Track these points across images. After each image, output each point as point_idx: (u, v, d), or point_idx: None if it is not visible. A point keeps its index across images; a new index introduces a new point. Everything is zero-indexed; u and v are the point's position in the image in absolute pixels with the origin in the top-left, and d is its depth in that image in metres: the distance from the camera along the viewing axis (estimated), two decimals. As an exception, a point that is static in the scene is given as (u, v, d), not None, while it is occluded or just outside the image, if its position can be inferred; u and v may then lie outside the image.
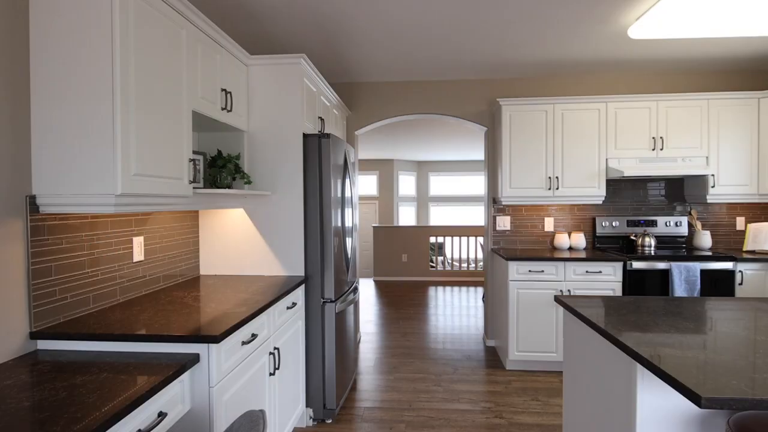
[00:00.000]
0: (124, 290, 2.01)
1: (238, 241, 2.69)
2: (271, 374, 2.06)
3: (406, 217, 11.24)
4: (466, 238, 8.12)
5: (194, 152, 2.38)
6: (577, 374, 1.94)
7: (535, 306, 3.47)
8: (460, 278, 7.93)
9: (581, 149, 3.74)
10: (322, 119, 3.10)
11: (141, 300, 2.02)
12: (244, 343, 1.74)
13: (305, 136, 2.68)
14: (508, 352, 3.53)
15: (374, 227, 8.13)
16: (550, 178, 3.75)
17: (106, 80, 1.47)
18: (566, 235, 3.97)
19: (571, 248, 3.99)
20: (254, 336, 1.84)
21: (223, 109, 2.28)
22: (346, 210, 3.04)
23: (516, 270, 3.48)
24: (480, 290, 7.06)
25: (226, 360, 1.61)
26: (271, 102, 2.65)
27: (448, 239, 9.33)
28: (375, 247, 8.09)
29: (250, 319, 1.78)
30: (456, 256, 10.38)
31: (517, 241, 4.14)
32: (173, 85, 1.82)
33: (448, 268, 9.72)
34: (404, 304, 6.05)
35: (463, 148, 8.75)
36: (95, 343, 1.50)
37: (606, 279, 3.44)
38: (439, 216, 11.44)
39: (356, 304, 3.44)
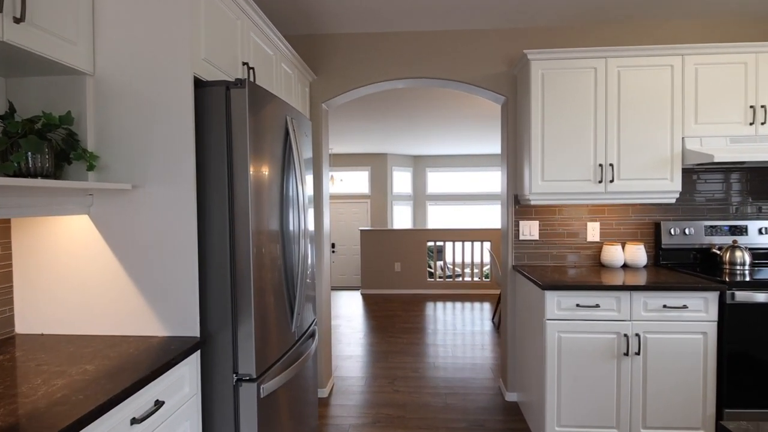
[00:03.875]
0: None
1: (80, 274, 1.51)
2: None
3: (401, 217, 10.06)
4: (470, 242, 6.94)
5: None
6: None
7: (586, 357, 2.30)
8: (463, 291, 6.76)
9: (646, 124, 2.56)
10: (250, 68, 1.91)
11: None
12: None
13: (200, 84, 1.50)
14: (544, 425, 2.35)
15: (362, 231, 6.94)
16: (601, 166, 2.58)
17: None
18: (619, 247, 2.80)
19: (626, 266, 2.82)
20: None
21: (-5, 11, 1.10)
22: (289, 211, 1.87)
23: (557, 304, 2.31)
24: (487, 305, 5.89)
25: None
26: (137, 24, 1.47)
27: (449, 244, 8.16)
28: (363, 254, 6.91)
29: None
30: (458, 260, 9.20)
31: (549, 255, 2.96)
32: None
33: (449, 273, 8.55)
34: (396, 328, 4.87)
35: (466, 139, 7.56)
36: None
37: (693, 317, 2.27)
38: (438, 216, 10.26)
39: (315, 357, 2.27)
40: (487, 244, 6.94)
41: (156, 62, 1.45)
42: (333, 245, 9.56)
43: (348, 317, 5.40)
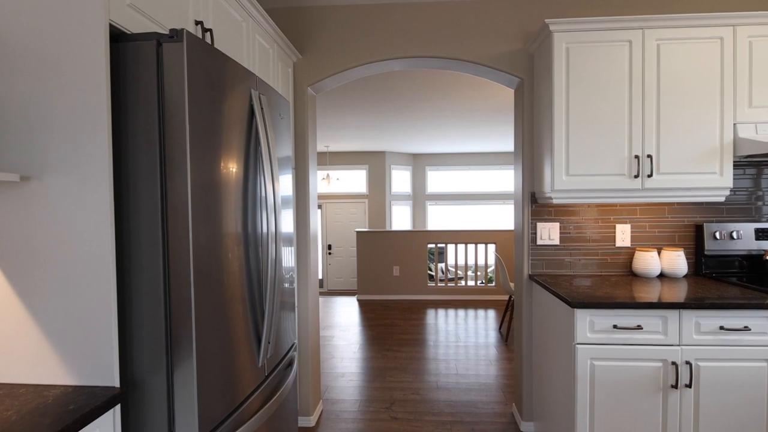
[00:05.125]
0: None
1: (-46, 298, 1.10)
2: None
3: (401, 217, 9.65)
4: (473, 244, 6.53)
5: None
6: None
7: (625, 388, 1.89)
8: (466, 297, 6.35)
9: (691, 109, 2.16)
10: (206, 30, 1.50)
11: None
12: None
13: (123, 38, 1.09)
14: (572, 471, 1.94)
15: (358, 232, 6.53)
16: (637, 158, 2.17)
17: None
18: (654, 253, 2.39)
19: (662, 275, 2.42)
20: None
21: None
22: (256, 211, 1.46)
23: (590, 325, 1.90)
24: (492, 312, 5.49)
25: None
26: (33, -50, 1.06)
27: (450, 246, 7.76)
28: (359, 257, 6.50)
29: None
30: (461, 263, 8.79)
31: (571, 262, 2.56)
32: None
33: (451, 276, 8.16)
34: (394, 339, 4.46)
35: (469, 137, 7.15)
36: None
37: (757, 341, 1.86)
38: (439, 216, 9.85)
39: (294, 389, 1.87)
40: (491, 246, 6.54)
41: (59, 4, 1.04)
42: (330, 247, 9.16)
43: (342, 327, 4.99)
